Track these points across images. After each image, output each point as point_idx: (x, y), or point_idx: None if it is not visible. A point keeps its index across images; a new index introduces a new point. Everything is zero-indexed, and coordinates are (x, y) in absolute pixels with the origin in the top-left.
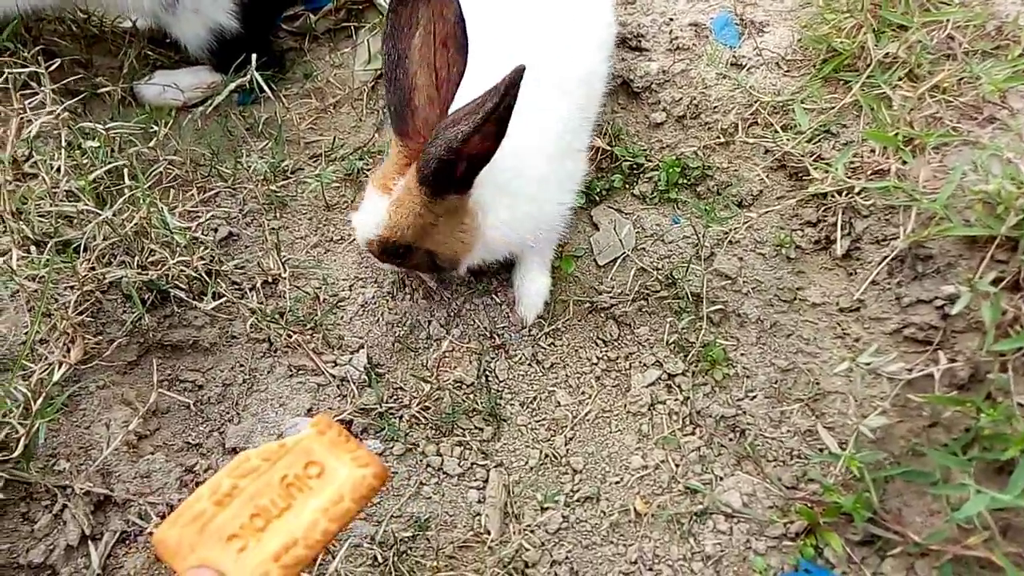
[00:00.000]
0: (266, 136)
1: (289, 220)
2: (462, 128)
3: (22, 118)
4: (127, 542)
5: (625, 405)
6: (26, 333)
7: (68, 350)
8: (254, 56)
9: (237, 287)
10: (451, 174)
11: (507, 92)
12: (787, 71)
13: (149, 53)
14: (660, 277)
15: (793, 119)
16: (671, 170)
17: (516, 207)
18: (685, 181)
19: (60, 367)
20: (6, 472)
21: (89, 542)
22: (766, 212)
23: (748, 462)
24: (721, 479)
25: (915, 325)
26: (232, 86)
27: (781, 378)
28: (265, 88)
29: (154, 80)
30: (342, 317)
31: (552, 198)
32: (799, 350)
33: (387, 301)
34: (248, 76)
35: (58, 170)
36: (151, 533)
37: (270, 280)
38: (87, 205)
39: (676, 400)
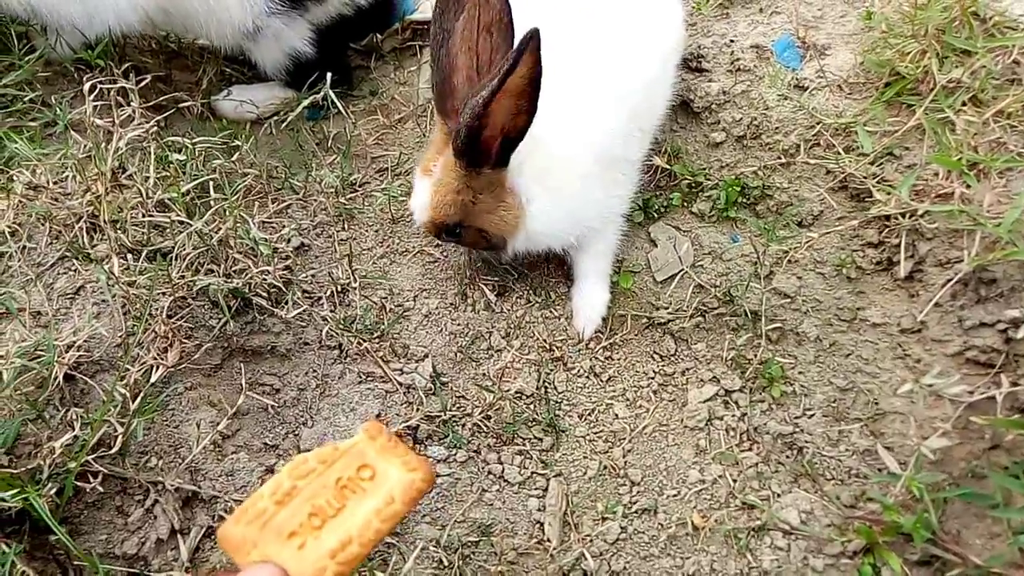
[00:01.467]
0: (335, 151)
1: (356, 232)
2: (483, 94)
3: (119, 133)
4: (212, 536)
5: (682, 419)
6: (121, 336)
7: (165, 353)
8: (329, 75)
9: (308, 296)
10: (482, 144)
11: (520, 53)
12: (849, 93)
13: (225, 69)
14: (718, 294)
15: (855, 141)
16: (730, 189)
17: (556, 201)
18: (744, 200)
19: (157, 369)
20: (104, 467)
21: (178, 535)
22: (827, 233)
23: (806, 480)
24: (779, 496)
25: (977, 348)
26: (306, 102)
27: (840, 397)
28: (339, 105)
29: (231, 96)
30: (407, 327)
31: (595, 199)
32: (858, 370)
33: (450, 312)
34: (322, 93)
35: (148, 180)
36: None
37: (339, 290)
38: (179, 216)
39: (733, 416)
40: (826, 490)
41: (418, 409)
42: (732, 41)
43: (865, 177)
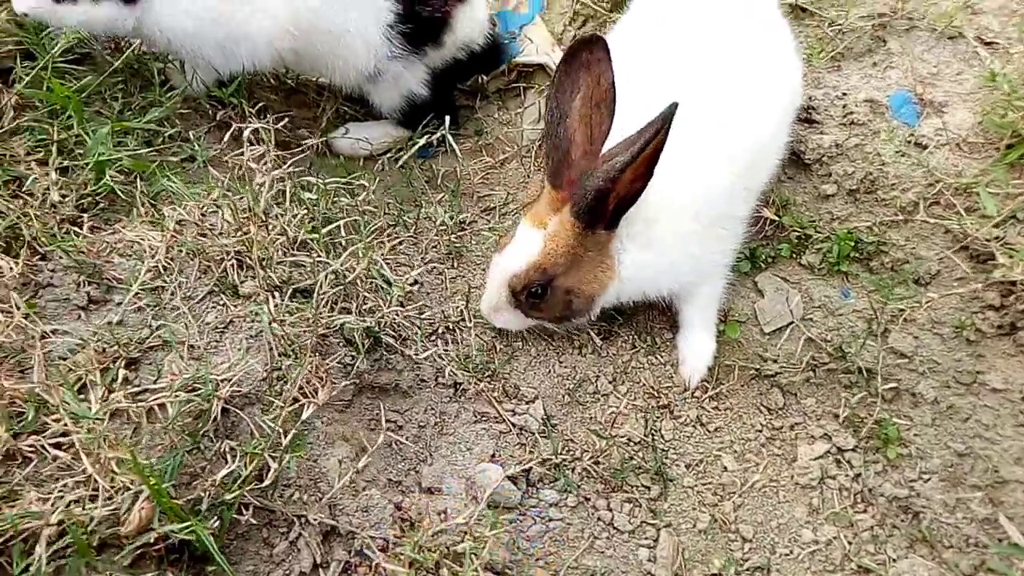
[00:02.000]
0: (442, 188)
1: (465, 270)
2: (621, 159)
3: (271, 176)
4: (348, 572)
5: (792, 476)
6: (269, 370)
7: (315, 390)
8: (447, 118)
9: (415, 332)
10: (603, 206)
11: (663, 125)
12: (968, 153)
13: (340, 107)
14: (829, 349)
15: (976, 201)
16: (843, 243)
17: (652, 255)
18: (857, 255)
19: (308, 407)
20: (255, 500)
21: (320, 570)
22: (948, 294)
23: (923, 545)
24: (895, 561)
25: None
26: (422, 142)
27: (957, 462)
28: (454, 147)
29: (348, 134)
30: (516, 367)
31: (693, 254)
32: (977, 435)
33: (557, 354)
34: (439, 134)
35: (290, 221)
36: (372, 565)
37: (449, 327)
38: (320, 256)
39: (846, 476)
40: (944, 557)
41: (531, 452)
42: (845, 94)
43: (988, 240)
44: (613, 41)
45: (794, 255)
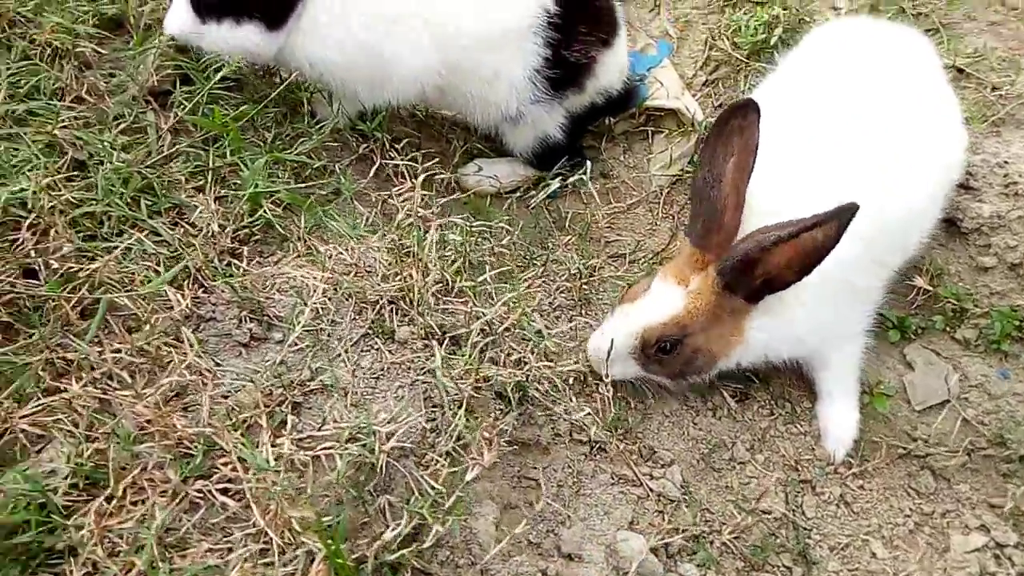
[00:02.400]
0: (569, 231)
1: (591, 318)
2: (776, 233)
3: (437, 223)
4: None
5: (946, 569)
6: (430, 423)
7: (482, 450)
8: (588, 163)
9: (553, 385)
10: (748, 275)
11: (829, 218)
12: None
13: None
14: (988, 434)
15: None
16: (1007, 321)
17: (775, 319)
18: (1020, 335)
19: (474, 468)
20: (413, 560)
21: None
22: None
23: None
24: None
25: None
26: (555, 185)
27: None
28: (593, 193)
29: (481, 171)
30: (650, 426)
31: (817, 320)
32: None
33: (691, 415)
34: (575, 177)
35: (446, 266)
36: None
37: (579, 378)
38: (474, 303)
39: (1007, 574)
40: None
41: (669, 520)
42: (1006, 162)
43: None
44: (765, 95)
45: (947, 328)
